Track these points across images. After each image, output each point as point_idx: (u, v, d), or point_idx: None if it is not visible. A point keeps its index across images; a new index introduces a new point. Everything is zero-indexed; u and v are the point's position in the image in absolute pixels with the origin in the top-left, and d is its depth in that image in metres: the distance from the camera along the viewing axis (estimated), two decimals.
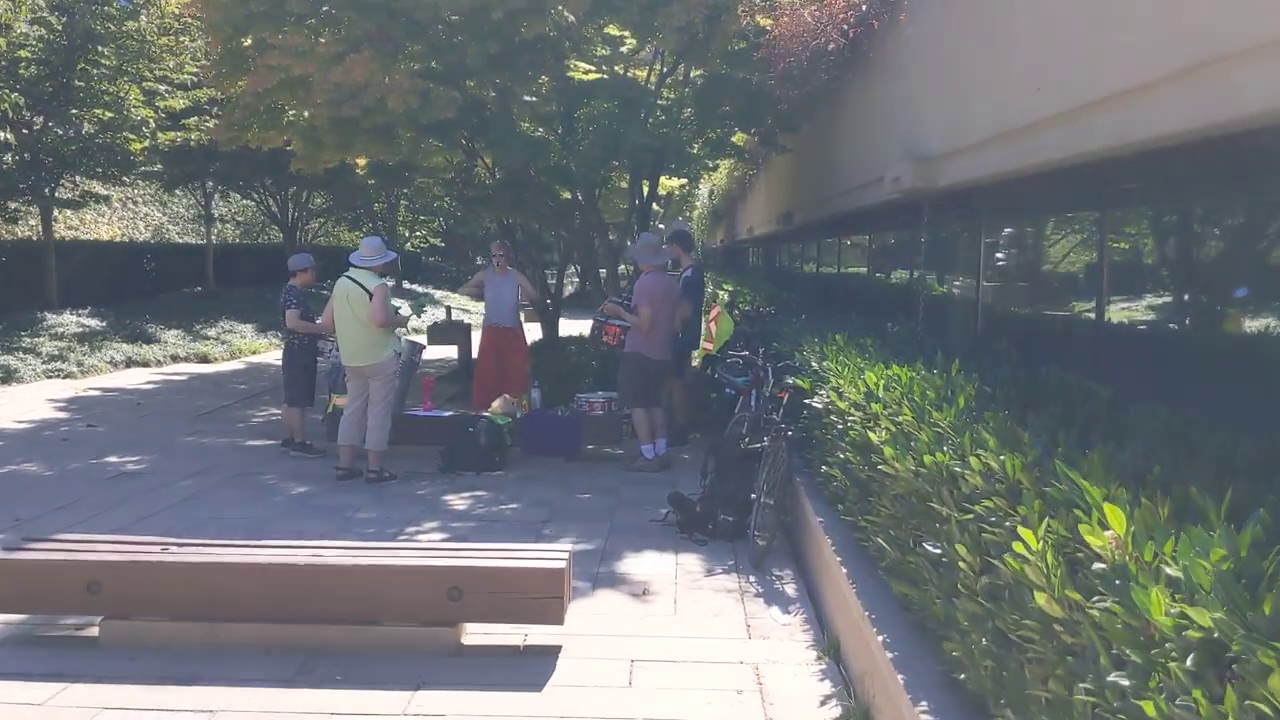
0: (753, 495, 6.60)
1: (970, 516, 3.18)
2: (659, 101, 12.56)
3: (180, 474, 8.68)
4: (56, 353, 15.02)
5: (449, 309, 15.61)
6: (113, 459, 9.25)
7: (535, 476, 8.79)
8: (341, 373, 8.95)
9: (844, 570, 4.75)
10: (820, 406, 5.91)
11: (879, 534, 4.40)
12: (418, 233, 38.48)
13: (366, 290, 8.31)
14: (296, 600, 4.86)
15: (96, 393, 13.27)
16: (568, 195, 13.48)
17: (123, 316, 18.48)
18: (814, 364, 6.52)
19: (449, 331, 14.64)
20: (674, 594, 5.81)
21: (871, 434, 4.46)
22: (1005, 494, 2.96)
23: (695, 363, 11.28)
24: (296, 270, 9.62)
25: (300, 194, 27.52)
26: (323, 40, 10.60)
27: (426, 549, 5.16)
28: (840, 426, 5.25)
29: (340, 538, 6.82)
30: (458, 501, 7.90)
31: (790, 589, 5.91)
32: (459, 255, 43.00)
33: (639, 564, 6.35)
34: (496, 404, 9.56)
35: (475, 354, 12.04)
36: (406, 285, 34.78)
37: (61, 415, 11.53)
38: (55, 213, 25.50)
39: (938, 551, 3.40)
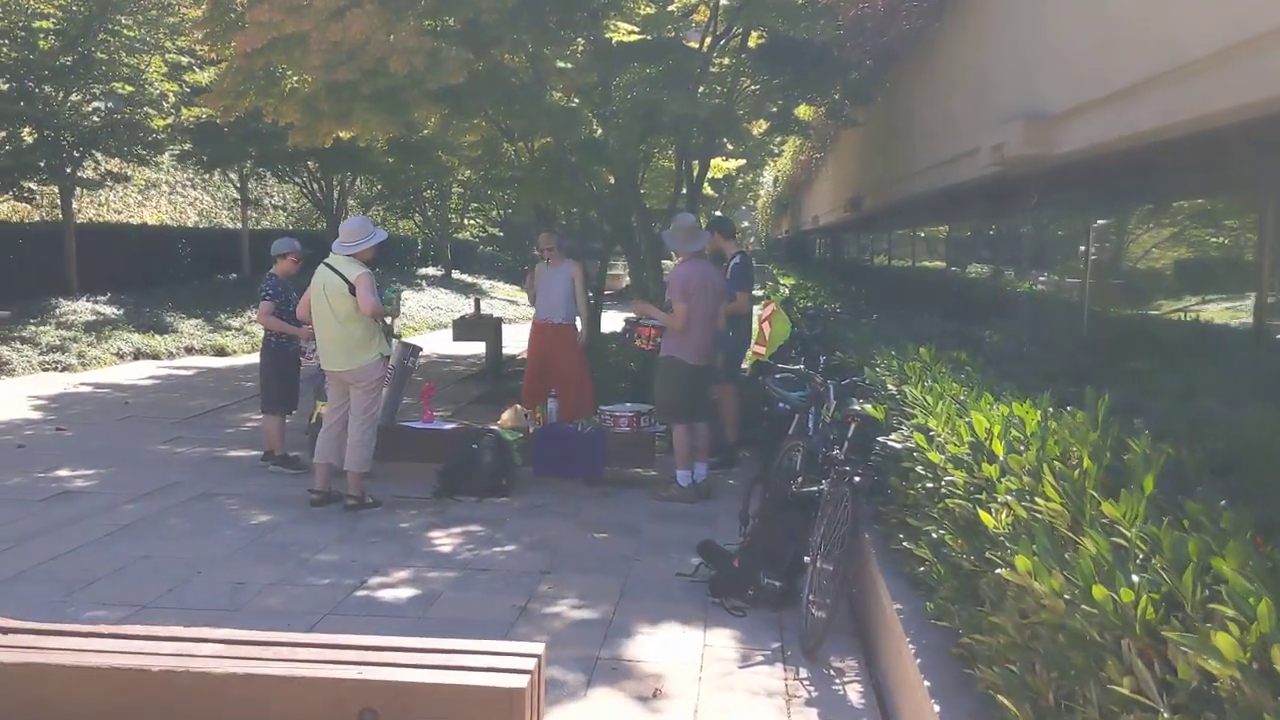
0: (806, 557, 5.05)
1: None
2: (711, 69, 11.01)
3: (131, 494, 7.36)
4: (58, 343, 13.88)
5: (478, 301, 14.19)
6: (63, 472, 7.97)
7: (545, 506, 7.33)
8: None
9: (935, 707, 3.20)
10: (899, 447, 4.36)
11: (994, 666, 2.86)
12: (470, 220, 37.12)
13: (346, 281, 6.91)
14: None
15: (87, 389, 12.08)
16: (611, 178, 12.03)
17: (143, 305, 17.37)
18: (890, 385, 4.95)
19: (477, 327, 13.23)
20: (696, 697, 4.30)
21: (985, 515, 2.91)
22: None
23: (746, 367, 9.69)
24: (277, 256, 8.25)
25: (345, 179, 26.40)
26: None
27: (338, 648, 3.69)
28: (930, 485, 3.70)
29: (284, 589, 5.45)
30: (443, 540, 6.45)
31: (855, 694, 4.36)
32: (516, 244, 41.62)
33: (654, 645, 4.84)
34: (506, 416, 8.12)
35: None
36: (456, 275, 33.59)
37: (35, 416, 10.33)
38: (92, 195, 24.81)
39: None
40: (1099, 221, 6.01)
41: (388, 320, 7.44)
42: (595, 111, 10.50)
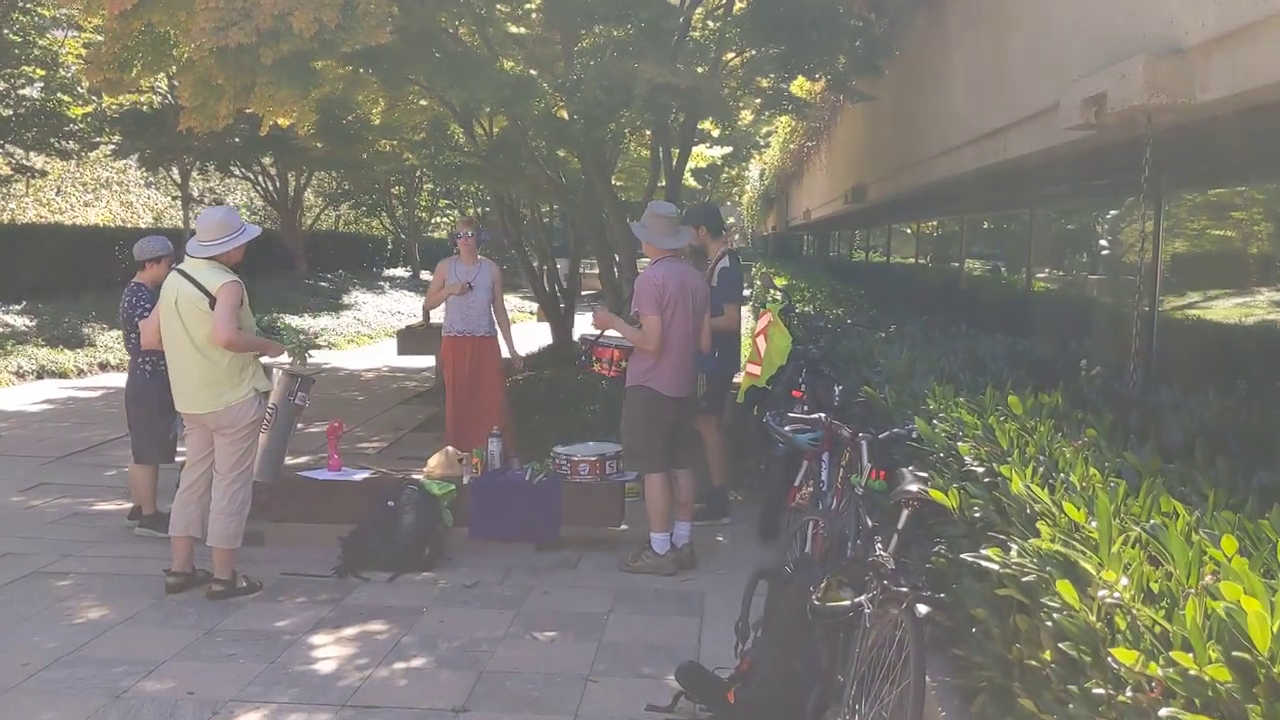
0: (842, 715, 3.33)
1: None
2: (692, 33, 9.29)
3: None
4: None
5: (427, 309, 12.42)
6: None
7: (479, 588, 5.57)
8: None
9: None
10: (1001, 568, 2.64)
11: None
12: (440, 218, 35.15)
13: (206, 293, 5.15)
14: None
15: None
16: (578, 164, 10.37)
17: (61, 314, 15.46)
18: (970, 458, 3.23)
19: (424, 339, 11.49)
20: None
21: None
22: None
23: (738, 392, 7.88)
24: (145, 260, 6.47)
25: (301, 174, 24.56)
26: None
27: None
28: (1100, 690, 1.98)
29: None
30: (328, 650, 4.69)
31: None
32: (493, 244, 39.61)
33: None
34: (433, 461, 6.38)
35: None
36: (425, 276, 31.72)
37: None
38: (36, 194, 22.93)
39: None
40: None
41: (288, 360, 5.78)
42: (556, 83, 8.76)
